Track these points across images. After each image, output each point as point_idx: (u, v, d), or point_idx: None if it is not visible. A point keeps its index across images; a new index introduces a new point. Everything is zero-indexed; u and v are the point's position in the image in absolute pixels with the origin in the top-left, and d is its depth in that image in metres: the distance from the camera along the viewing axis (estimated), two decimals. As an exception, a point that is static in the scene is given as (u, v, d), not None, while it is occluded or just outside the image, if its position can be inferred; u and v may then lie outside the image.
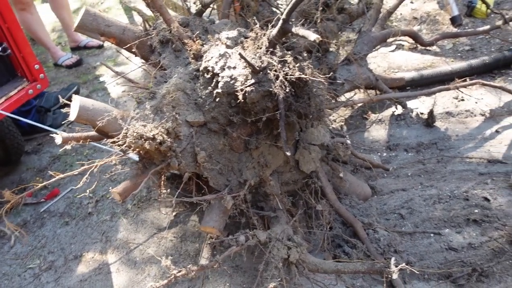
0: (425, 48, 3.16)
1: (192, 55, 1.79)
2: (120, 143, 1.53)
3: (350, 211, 2.06)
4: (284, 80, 1.44)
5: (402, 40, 3.18)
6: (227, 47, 1.66)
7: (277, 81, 1.44)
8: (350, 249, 1.93)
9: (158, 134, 1.54)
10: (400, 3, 2.87)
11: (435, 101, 2.75)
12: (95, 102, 1.60)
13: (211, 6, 2.02)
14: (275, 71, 1.46)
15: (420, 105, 2.77)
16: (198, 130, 1.72)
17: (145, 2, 1.84)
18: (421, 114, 2.68)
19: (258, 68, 1.48)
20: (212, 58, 1.64)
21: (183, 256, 2.05)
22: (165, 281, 1.44)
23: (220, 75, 1.59)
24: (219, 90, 1.60)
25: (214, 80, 1.63)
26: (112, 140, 1.55)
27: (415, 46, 3.18)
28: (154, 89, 1.75)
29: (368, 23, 2.68)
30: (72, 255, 2.16)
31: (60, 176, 1.64)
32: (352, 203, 2.12)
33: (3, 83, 2.29)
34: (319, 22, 2.06)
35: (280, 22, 1.42)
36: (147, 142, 1.52)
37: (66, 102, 1.61)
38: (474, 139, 2.47)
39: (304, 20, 2.09)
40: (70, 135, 1.67)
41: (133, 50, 1.90)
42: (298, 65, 1.48)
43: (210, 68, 1.63)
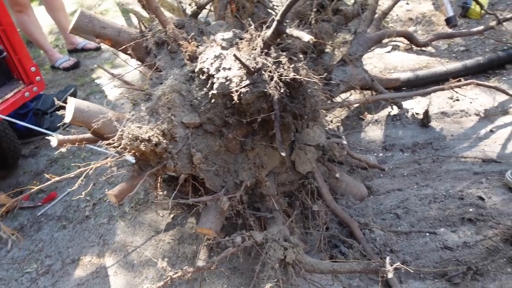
0: (420, 48, 3.18)
1: (188, 57, 1.79)
2: (116, 145, 1.53)
3: (346, 211, 2.06)
4: (279, 81, 1.44)
5: (398, 41, 3.20)
6: (222, 48, 1.67)
7: (271, 82, 1.44)
8: (346, 249, 1.93)
9: (153, 135, 1.55)
10: (395, 4, 2.89)
11: (430, 101, 2.76)
12: (90, 104, 1.61)
13: (207, 7, 2.03)
14: (270, 72, 1.46)
15: (415, 105, 2.78)
16: (193, 131, 1.73)
17: (140, 4, 1.84)
18: (416, 114, 2.70)
19: (252, 69, 1.48)
20: (207, 59, 1.64)
21: (181, 258, 2.04)
22: (161, 283, 1.43)
23: (215, 76, 1.59)
24: (215, 91, 1.60)
25: (210, 81, 1.63)
26: (108, 142, 1.55)
27: (411, 47, 3.20)
28: (150, 90, 1.75)
29: (364, 24, 2.69)
30: (69, 259, 2.15)
31: (56, 179, 1.64)
32: (349, 203, 2.13)
33: (-1, 86, 2.29)
34: (314, 23, 2.07)
35: (275, 23, 1.43)
36: (143, 143, 1.52)
37: (61, 104, 1.61)
38: (469, 139, 2.49)
39: (300, 21, 2.10)
40: (66, 137, 1.67)
41: (128, 52, 1.90)
42: (293, 66, 1.48)
43: (205, 70, 1.63)
